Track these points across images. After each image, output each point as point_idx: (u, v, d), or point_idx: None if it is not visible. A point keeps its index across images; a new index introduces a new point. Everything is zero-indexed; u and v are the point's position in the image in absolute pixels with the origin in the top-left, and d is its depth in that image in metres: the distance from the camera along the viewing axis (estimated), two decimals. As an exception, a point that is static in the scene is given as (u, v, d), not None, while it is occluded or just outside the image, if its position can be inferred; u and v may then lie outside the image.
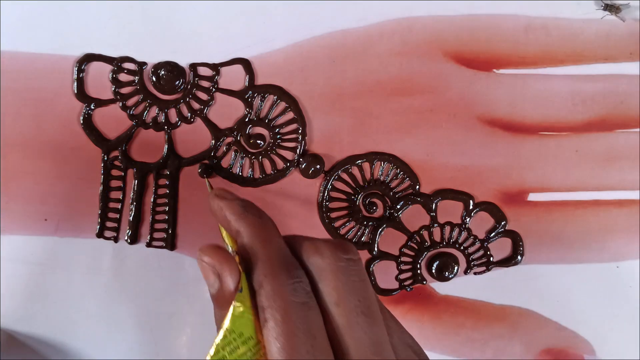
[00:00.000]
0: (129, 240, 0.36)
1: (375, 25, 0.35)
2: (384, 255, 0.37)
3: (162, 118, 0.36)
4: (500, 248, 0.37)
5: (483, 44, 0.36)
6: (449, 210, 0.37)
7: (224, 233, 0.27)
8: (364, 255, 0.37)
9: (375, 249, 0.36)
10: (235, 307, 0.23)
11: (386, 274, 0.37)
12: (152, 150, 0.36)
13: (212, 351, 0.23)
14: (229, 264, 0.24)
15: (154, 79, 0.35)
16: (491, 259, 0.37)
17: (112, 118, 0.35)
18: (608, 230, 0.37)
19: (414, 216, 0.36)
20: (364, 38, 0.35)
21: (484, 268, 0.37)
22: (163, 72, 0.35)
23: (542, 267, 0.37)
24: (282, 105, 0.36)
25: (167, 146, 0.36)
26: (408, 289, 0.37)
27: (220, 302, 0.25)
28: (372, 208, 0.36)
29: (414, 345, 0.26)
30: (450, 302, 0.37)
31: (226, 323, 0.23)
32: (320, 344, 0.22)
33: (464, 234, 0.37)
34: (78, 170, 0.35)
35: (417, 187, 0.36)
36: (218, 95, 0.36)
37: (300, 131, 0.36)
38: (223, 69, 0.35)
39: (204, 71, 0.35)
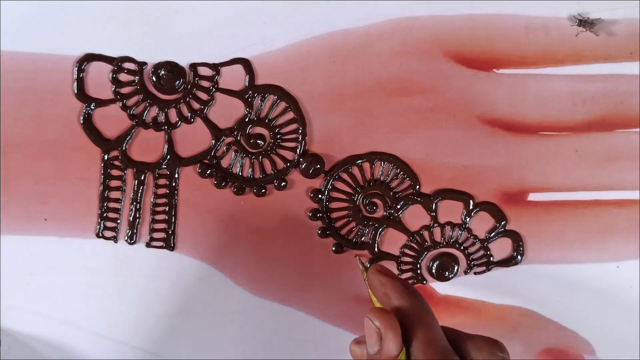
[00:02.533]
0: (129, 240, 0.36)
1: (375, 25, 0.35)
2: (384, 255, 0.37)
3: (162, 118, 0.36)
4: (500, 248, 0.37)
5: (483, 43, 0.36)
6: (449, 210, 0.37)
7: (376, 304, 0.28)
8: (365, 255, 0.37)
9: (376, 249, 0.36)
10: None
11: (386, 274, 0.37)
12: (152, 150, 0.36)
13: None
14: (395, 331, 0.25)
15: (154, 78, 0.35)
16: (491, 259, 0.37)
17: (112, 118, 0.35)
18: (608, 230, 0.37)
19: (414, 216, 0.36)
20: (364, 38, 0.35)
21: (484, 268, 0.37)
22: (163, 72, 0.35)
23: (542, 267, 0.37)
24: (282, 105, 0.36)
25: (166, 146, 0.36)
26: (408, 289, 0.37)
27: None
28: (372, 208, 0.36)
29: None
30: (450, 302, 0.37)
31: None
32: None
33: (464, 234, 0.37)
34: (78, 170, 0.35)
35: (417, 187, 0.36)
36: (218, 95, 0.36)
37: (300, 131, 0.36)
38: (223, 69, 0.35)
39: (204, 71, 0.35)
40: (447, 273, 0.37)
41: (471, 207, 0.36)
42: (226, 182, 0.36)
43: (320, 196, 0.36)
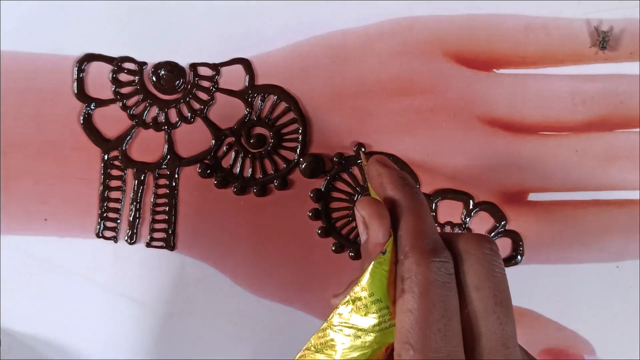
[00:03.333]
0: (129, 240, 0.36)
1: (375, 25, 0.35)
2: (384, 255, 0.36)
3: (162, 118, 0.36)
4: (500, 248, 0.37)
5: (483, 43, 0.36)
6: (449, 210, 0.37)
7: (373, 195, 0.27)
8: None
9: (375, 249, 0.36)
10: (374, 266, 0.23)
11: (386, 274, 0.37)
12: (152, 150, 0.36)
13: (343, 301, 0.23)
14: (381, 219, 0.24)
15: (154, 78, 0.35)
16: (491, 259, 0.37)
17: (112, 118, 0.35)
18: (608, 230, 0.37)
19: (414, 216, 0.36)
20: (364, 38, 0.35)
21: (484, 268, 0.37)
22: (163, 72, 0.35)
23: (542, 267, 0.37)
24: (283, 105, 0.36)
25: (167, 146, 0.36)
26: (408, 289, 0.37)
27: (364, 255, 0.25)
28: (372, 208, 0.36)
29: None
30: (450, 302, 0.37)
31: (363, 279, 0.23)
32: (454, 327, 0.22)
33: (464, 234, 0.37)
34: (78, 170, 0.35)
35: (417, 187, 0.36)
36: (218, 95, 0.36)
37: (300, 131, 0.36)
38: (223, 69, 0.35)
39: (204, 71, 0.35)
40: (447, 273, 0.37)
41: (471, 207, 0.36)
42: (226, 182, 0.36)
43: (320, 196, 0.36)
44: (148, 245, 0.36)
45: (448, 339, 0.22)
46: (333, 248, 0.36)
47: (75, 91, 0.35)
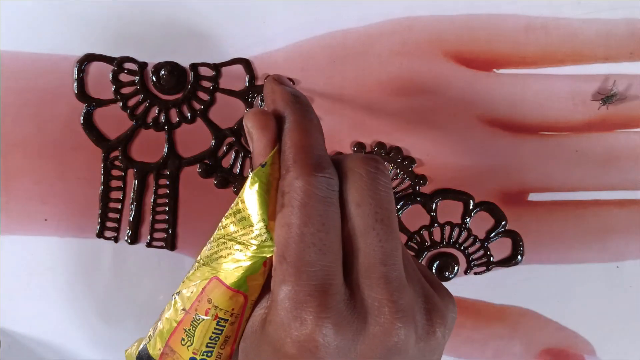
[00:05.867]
0: (129, 240, 0.36)
1: (375, 25, 0.35)
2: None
3: (162, 118, 0.36)
4: (500, 248, 0.37)
5: (483, 44, 0.36)
6: (449, 210, 0.37)
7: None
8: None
9: (376, 249, 0.36)
10: (252, 178, 0.23)
11: (386, 274, 0.37)
12: (153, 150, 0.36)
13: (227, 214, 0.23)
14: (262, 130, 0.24)
15: (154, 79, 0.35)
16: (491, 259, 0.37)
17: (112, 118, 0.35)
18: (608, 230, 0.37)
19: (414, 216, 0.36)
20: (364, 38, 0.35)
21: (484, 268, 0.37)
22: (163, 72, 0.35)
23: (542, 267, 0.37)
24: (282, 105, 0.36)
25: (167, 146, 0.36)
26: (408, 289, 0.37)
27: (252, 162, 0.25)
28: (372, 208, 0.36)
29: (430, 275, 0.26)
30: (451, 302, 0.37)
31: (242, 192, 0.23)
32: (331, 242, 0.22)
33: (464, 234, 0.37)
34: (78, 170, 0.35)
35: (417, 187, 0.36)
36: (218, 95, 0.36)
37: (300, 131, 0.36)
38: (223, 69, 0.35)
39: (204, 71, 0.35)
40: (447, 273, 0.37)
41: (471, 207, 0.36)
42: (226, 182, 0.36)
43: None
44: (148, 245, 0.36)
45: (323, 253, 0.21)
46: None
47: (76, 91, 0.35)
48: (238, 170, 0.36)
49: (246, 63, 0.35)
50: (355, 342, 0.21)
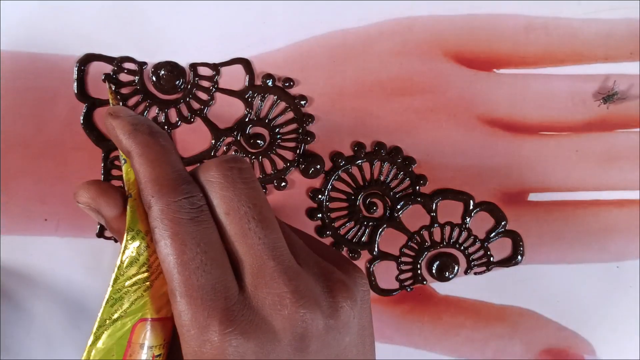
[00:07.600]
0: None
1: (375, 25, 0.35)
2: (384, 256, 0.37)
3: (162, 118, 0.36)
4: (500, 248, 0.37)
5: (483, 44, 0.36)
6: (449, 210, 0.37)
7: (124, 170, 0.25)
8: (365, 255, 0.37)
9: (376, 249, 0.36)
10: (126, 239, 0.23)
11: (386, 274, 0.37)
12: (152, 150, 0.36)
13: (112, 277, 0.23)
14: (105, 196, 0.24)
15: (154, 78, 0.35)
16: (491, 259, 0.37)
17: (112, 118, 0.35)
18: (608, 230, 0.37)
19: (414, 216, 0.36)
20: (364, 38, 0.35)
21: (484, 268, 0.37)
22: (163, 72, 0.35)
23: (542, 267, 0.37)
24: (282, 105, 0.36)
25: (167, 146, 0.36)
26: (408, 289, 0.37)
27: (116, 234, 0.24)
28: (372, 208, 0.36)
29: (331, 253, 0.26)
30: (451, 302, 0.37)
31: (124, 254, 0.23)
32: (212, 257, 0.22)
33: (464, 234, 0.37)
34: (78, 170, 0.35)
35: (417, 187, 0.36)
36: (218, 95, 0.36)
37: (300, 131, 0.36)
38: (223, 69, 0.35)
39: (204, 71, 0.35)
40: (447, 273, 0.37)
41: (471, 207, 0.36)
42: (226, 182, 0.36)
43: (319, 196, 0.36)
44: (148, 245, 0.36)
45: (209, 272, 0.22)
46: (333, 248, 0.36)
47: (76, 91, 0.35)
48: (238, 170, 0.36)
49: (246, 63, 0.35)
50: (270, 340, 0.22)
